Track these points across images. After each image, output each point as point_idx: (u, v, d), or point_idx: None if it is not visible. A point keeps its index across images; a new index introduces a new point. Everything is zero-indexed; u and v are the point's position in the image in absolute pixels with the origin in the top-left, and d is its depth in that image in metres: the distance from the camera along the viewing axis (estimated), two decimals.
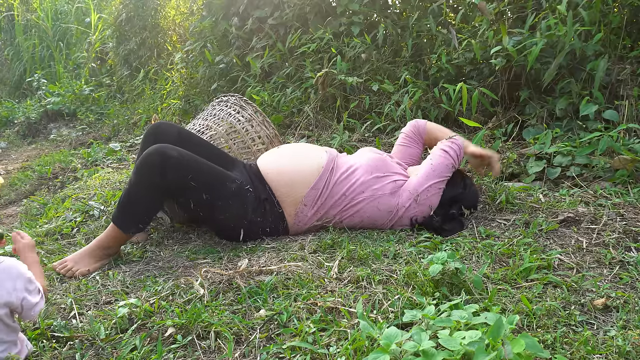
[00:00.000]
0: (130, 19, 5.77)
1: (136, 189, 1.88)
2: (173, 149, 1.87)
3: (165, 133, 2.11)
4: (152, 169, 1.83)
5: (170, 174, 1.84)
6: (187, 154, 1.89)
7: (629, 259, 1.62)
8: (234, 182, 1.96)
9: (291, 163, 2.04)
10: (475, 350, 0.98)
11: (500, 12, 3.03)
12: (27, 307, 1.23)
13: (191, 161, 1.88)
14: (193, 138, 2.16)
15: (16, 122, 5.89)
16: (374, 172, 2.01)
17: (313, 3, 3.72)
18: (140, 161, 1.85)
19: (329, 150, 2.11)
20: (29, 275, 1.26)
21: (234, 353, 1.27)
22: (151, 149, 1.86)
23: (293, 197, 1.99)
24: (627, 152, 2.19)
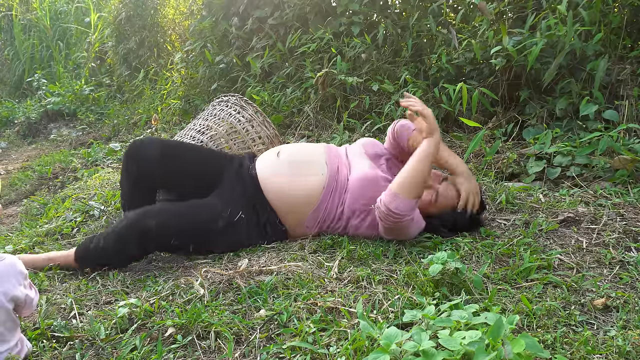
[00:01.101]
0: (130, 18, 5.77)
1: (114, 253, 1.80)
2: (152, 215, 1.78)
3: (147, 158, 1.94)
4: (131, 245, 1.77)
5: (151, 246, 1.83)
6: (166, 215, 1.80)
7: (629, 259, 1.62)
8: (219, 218, 1.86)
9: (292, 183, 1.91)
10: (475, 350, 0.98)
11: (500, 12, 3.03)
12: (29, 301, 1.27)
13: (171, 222, 1.80)
14: (177, 153, 2.00)
15: (16, 122, 5.89)
16: (360, 199, 1.88)
17: (313, 3, 3.72)
18: (119, 234, 1.77)
19: (330, 159, 1.96)
20: (26, 271, 1.28)
21: (234, 353, 1.27)
22: (129, 221, 1.77)
23: (295, 216, 1.93)
24: (627, 152, 2.19)
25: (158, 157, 1.94)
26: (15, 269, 1.25)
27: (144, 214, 1.79)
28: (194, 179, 2.00)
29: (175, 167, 1.96)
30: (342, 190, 1.91)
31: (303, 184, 1.90)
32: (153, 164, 1.93)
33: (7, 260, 1.25)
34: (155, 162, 1.93)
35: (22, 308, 1.26)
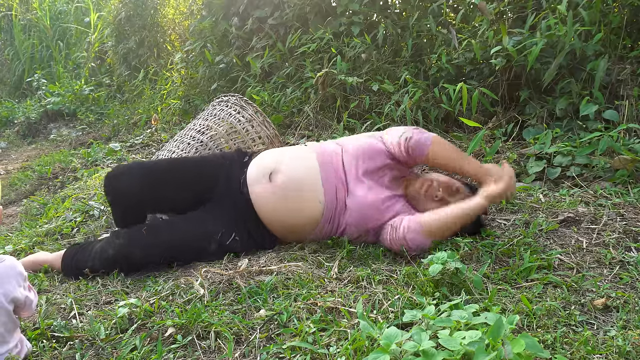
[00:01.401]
0: (130, 18, 5.77)
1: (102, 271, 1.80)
2: (138, 245, 1.76)
3: (127, 194, 1.85)
4: (119, 268, 1.78)
5: (140, 268, 1.79)
6: (152, 243, 1.76)
7: (629, 259, 1.62)
8: (211, 241, 1.82)
9: (289, 211, 1.82)
10: (475, 350, 0.98)
11: (500, 12, 3.03)
12: (29, 302, 1.27)
13: (158, 249, 1.77)
14: (159, 178, 1.89)
15: (16, 122, 5.89)
16: (362, 224, 1.84)
17: (313, 3, 3.71)
18: (106, 261, 1.77)
19: (327, 179, 1.82)
20: (25, 273, 1.28)
21: (234, 353, 1.27)
22: (115, 250, 1.76)
23: (294, 236, 1.91)
24: (627, 152, 2.19)
25: (138, 191, 1.85)
26: (15, 271, 1.25)
27: (130, 243, 1.76)
28: (183, 198, 1.90)
29: (160, 193, 1.87)
30: (342, 211, 1.84)
31: (301, 212, 1.82)
32: (135, 197, 1.85)
33: (7, 262, 1.25)
34: (136, 195, 1.85)
35: (21, 309, 1.26)
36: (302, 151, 1.92)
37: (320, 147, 1.92)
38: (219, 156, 2.06)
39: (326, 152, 1.89)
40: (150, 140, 4.18)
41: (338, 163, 1.86)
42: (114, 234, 1.83)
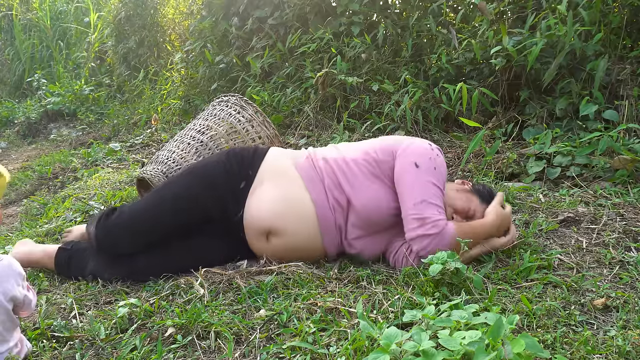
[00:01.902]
0: (130, 18, 5.77)
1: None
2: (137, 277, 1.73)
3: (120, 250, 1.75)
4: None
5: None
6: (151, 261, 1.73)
7: (629, 259, 1.62)
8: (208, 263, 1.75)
9: (288, 257, 1.73)
10: (475, 350, 0.98)
11: (500, 12, 3.03)
12: (27, 302, 1.27)
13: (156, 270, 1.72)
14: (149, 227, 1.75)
15: (16, 122, 5.89)
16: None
17: (313, 3, 3.72)
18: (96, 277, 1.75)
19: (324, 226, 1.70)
20: (24, 273, 1.28)
21: (234, 353, 1.27)
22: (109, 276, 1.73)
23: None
24: (627, 152, 2.19)
25: (129, 247, 1.74)
26: (14, 270, 1.25)
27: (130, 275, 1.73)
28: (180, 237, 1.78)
29: (155, 238, 1.75)
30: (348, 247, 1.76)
31: (304, 251, 1.73)
32: (129, 250, 1.74)
33: (5, 261, 1.25)
34: (129, 249, 1.74)
35: (20, 309, 1.26)
36: (300, 202, 1.71)
37: (321, 195, 1.71)
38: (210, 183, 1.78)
39: (329, 205, 1.71)
40: (150, 140, 4.18)
41: (341, 221, 1.72)
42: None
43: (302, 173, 1.74)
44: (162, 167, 2.32)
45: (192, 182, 1.78)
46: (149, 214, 1.76)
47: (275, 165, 1.79)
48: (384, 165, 1.71)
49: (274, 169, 1.77)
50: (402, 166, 1.67)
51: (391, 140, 1.78)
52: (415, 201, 1.60)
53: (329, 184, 1.71)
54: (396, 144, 1.74)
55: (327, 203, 1.70)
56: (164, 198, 1.77)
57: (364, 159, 1.73)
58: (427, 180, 1.62)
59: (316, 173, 1.74)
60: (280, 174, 1.75)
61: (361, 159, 1.73)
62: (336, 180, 1.71)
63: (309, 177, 1.73)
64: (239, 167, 1.78)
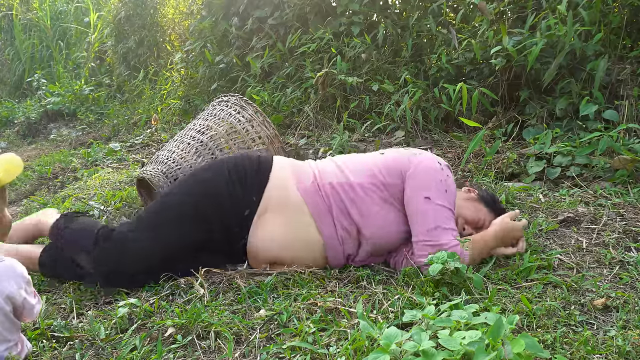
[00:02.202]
0: (129, 18, 5.77)
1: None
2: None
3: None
4: None
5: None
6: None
7: (629, 259, 1.62)
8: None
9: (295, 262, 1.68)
10: (475, 350, 0.98)
11: (500, 12, 3.03)
12: (28, 307, 1.25)
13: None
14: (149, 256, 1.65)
15: (16, 122, 5.89)
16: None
17: (313, 3, 3.72)
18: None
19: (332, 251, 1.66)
20: (28, 277, 1.27)
21: (234, 353, 1.27)
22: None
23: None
24: (627, 152, 2.19)
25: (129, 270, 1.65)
26: (16, 272, 1.24)
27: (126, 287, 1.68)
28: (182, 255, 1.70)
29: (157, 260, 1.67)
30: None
31: (305, 265, 1.69)
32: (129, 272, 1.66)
33: (7, 262, 1.25)
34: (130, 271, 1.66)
35: (20, 313, 1.25)
36: (308, 236, 1.66)
37: (330, 229, 1.65)
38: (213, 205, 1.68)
39: (337, 236, 1.66)
40: (150, 140, 4.18)
41: (349, 249, 1.69)
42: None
43: (308, 200, 1.66)
44: (162, 167, 2.32)
45: (197, 203, 1.68)
46: (152, 234, 1.66)
47: (280, 191, 1.68)
48: (392, 188, 1.66)
49: (279, 196, 1.67)
50: (413, 191, 1.63)
51: (398, 159, 1.70)
52: (428, 227, 1.58)
53: (338, 214, 1.64)
54: (404, 164, 1.67)
55: (336, 234, 1.65)
56: (168, 218, 1.68)
57: (371, 183, 1.66)
58: (439, 205, 1.59)
59: (323, 201, 1.66)
60: (285, 203, 1.66)
61: (368, 182, 1.66)
62: (344, 209, 1.64)
63: (315, 205, 1.65)
64: (242, 191, 1.68)
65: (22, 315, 1.26)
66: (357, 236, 1.66)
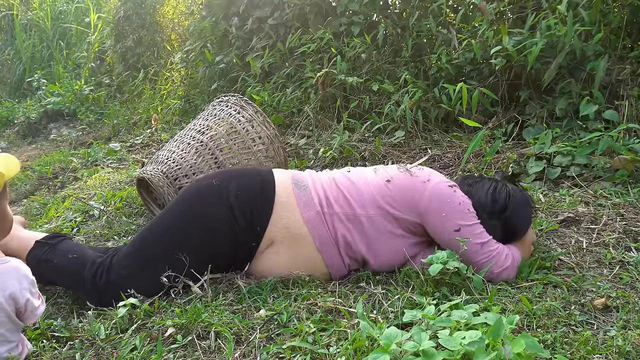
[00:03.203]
0: (129, 17, 5.77)
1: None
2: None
3: None
4: None
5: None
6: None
7: (629, 259, 1.62)
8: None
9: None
10: (475, 350, 0.98)
11: (501, 12, 3.03)
12: (30, 308, 1.25)
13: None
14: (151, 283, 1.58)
15: (16, 122, 5.89)
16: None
17: (313, 3, 3.72)
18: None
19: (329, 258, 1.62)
20: (32, 278, 1.27)
21: (234, 353, 1.27)
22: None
23: None
24: (627, 152, 2.19)
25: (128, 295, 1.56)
26: (19, 272, 1.24)
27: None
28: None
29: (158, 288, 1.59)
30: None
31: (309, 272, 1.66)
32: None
33: (12, 263, 1.25)
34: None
35: (22, 313, 1.25)
36: (313, 264, 1.62)
37: (337, 261, 1.62)
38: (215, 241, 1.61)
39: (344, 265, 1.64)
40: (150, 140, 4.18)
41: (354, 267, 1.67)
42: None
43: (314, 232, 1.59)
44: (162, 167, 2.32)
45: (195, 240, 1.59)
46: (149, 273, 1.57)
47: (285, 223, 1.60)
48: (405, 222, 1.60)
49: (284, 229, 1.60)
50: (440, 228, 1.57)
51: (407, 190, 1.60)
52: (475, 249, 1.54)
53: (344, 246, 1.60)
54: (414, 197, 1.59)
55: (343, 263, 1.63)
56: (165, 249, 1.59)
57: (380, 215, 1.59)
58: (468, 226, 1.55)
59: (328, 232, 1.60)
60: (291, 235, 1.60)
61: (377, 215, 1.59)
62: (352, 241, 1.60)
63: (320, 237, 1.59)
64: (245, 221, 1.60)
65: (24, 316, 1.25)
66: (363, 264, 1.65)
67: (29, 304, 1.24)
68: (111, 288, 1.55)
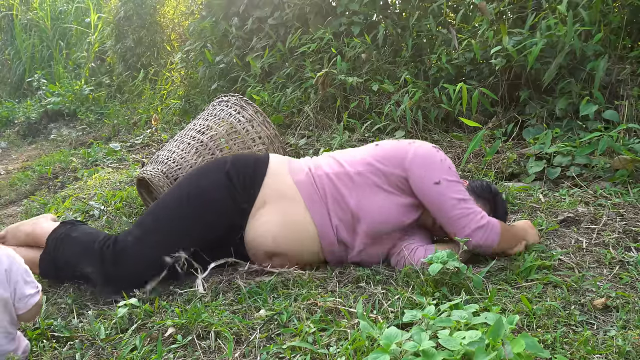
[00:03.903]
0: (129, 17, 5.77)
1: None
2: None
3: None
4: None
5: None
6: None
7: (629, 259, 1.62)
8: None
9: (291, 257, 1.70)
10: (475, 350, 0.98)
11: (500, 12, 3.03)
12: (20, 295, 1.22)
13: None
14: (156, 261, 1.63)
15: (16, 122, 5.90)
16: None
17: (313, 3, 3.72)
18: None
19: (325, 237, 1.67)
20: (25, 267, 1.26)
21: (234, 353, 1.27)
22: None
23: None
24: (627, 152, 2.19)
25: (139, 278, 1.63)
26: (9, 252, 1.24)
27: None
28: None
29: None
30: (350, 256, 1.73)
31: (306, 263, 1.72)
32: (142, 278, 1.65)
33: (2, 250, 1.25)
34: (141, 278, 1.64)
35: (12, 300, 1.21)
36: (302, 226, 1.67)
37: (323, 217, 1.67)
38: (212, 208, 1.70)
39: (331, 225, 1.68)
40: (150, 140, 4.18)
41: (344, 237, 1.69)
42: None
43: (303, 192, 1.68)
44: (162, 167, 2.32)
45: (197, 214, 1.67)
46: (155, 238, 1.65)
47: (276, 186, 1.71)
48: (391, 177, 1.66)
49: (275, 190, 1.70)
50: (420, 182, 1.63)
51: (394, 147, 1.71)
52: (452, 203, 1.60)
53: (332, 204, 1.66)
54: (401, 153, 1.68)
55: (330, 223, 1.66)
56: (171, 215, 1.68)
57: (369, 171, 1.67)
58: (449, 181, 1.62)
59: (316, 191, 1.68)
60: (281, 196, 1.69)
61: (365, 170, 1.67)
62: (340, 198, 1.66)
63: (309, 197, 1.67)
64: (242, 188, 1.70)
65: (14, 301, 1.22)
66: (352, 223, 1.67)
67: (18, 289, 1.22)
68: (118, 255, 1.61)
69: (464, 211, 1.60)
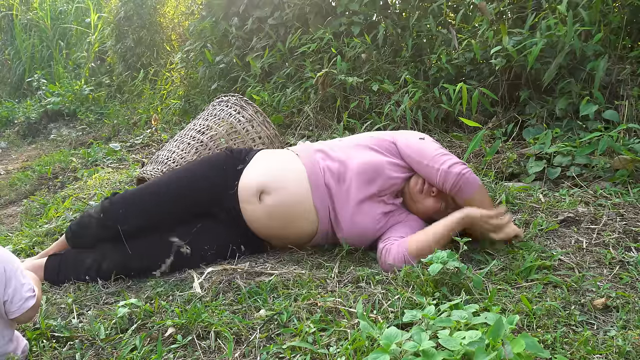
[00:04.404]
0: (129, 17, 5.77)
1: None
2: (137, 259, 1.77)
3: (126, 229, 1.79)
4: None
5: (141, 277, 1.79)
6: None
7: (629, 259, 1.62)
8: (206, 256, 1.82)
9: (280, 227, 1.80)
10: (475, 350, 0.98)
11: (500, 12, 3.03)
12: (12, 292, 1.20)
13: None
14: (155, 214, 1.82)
15: (16, 122, 5.90)
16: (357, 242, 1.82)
17: (313, 3, 3.72)
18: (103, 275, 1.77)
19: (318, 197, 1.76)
20: (18, 264, 1.25)
21: (234, 353, 1.27)
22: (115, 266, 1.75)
23: (290, 245, 1.88)
24: (627, 152, 2.19)
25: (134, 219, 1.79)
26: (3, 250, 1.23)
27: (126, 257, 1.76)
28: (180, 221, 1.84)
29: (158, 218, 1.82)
30: (337, 228, 1.79)
31: (294, 229, 1.80)
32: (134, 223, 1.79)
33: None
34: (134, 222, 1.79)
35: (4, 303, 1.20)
36: (291, 165, 1.82)
37: (312, 161, 1.82)
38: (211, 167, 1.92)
39: (319, 168, 1.80)
40: (150, 140, 4.18)
41: (330, 181, 1.78)
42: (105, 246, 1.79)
43: (295, 150, 1.91)
44: (162, 167, 2.32)
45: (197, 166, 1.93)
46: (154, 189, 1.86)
47: (271, 152, 1.98)
48: (383, 143, 1.85)
49: (269, 152, 1.96)
50: (406, 146, 1.83)
51: (384, 134, 1.94)
52: (434, 147, 1.79)
53: (322, 156, 1.84)
54: (390, 135, 1.91)
55: (319, 166, 1.80)
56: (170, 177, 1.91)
57: (362, 144, 1.87)
58: (435, 142, 1.84)
59: (308, 150, 1.88)
60: (275, 152, 1.96)
61: (359, 145, 1.87)
62: (330, 153, 1.85)
63: (301, 151, 1.88)
64: (238, 155, 1.95)
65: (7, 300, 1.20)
66: (341, 172, 1.78)
67: (12, 291, 1.19)
68: (113, 203, 1.80)
69: (446, 153, 1.76)
